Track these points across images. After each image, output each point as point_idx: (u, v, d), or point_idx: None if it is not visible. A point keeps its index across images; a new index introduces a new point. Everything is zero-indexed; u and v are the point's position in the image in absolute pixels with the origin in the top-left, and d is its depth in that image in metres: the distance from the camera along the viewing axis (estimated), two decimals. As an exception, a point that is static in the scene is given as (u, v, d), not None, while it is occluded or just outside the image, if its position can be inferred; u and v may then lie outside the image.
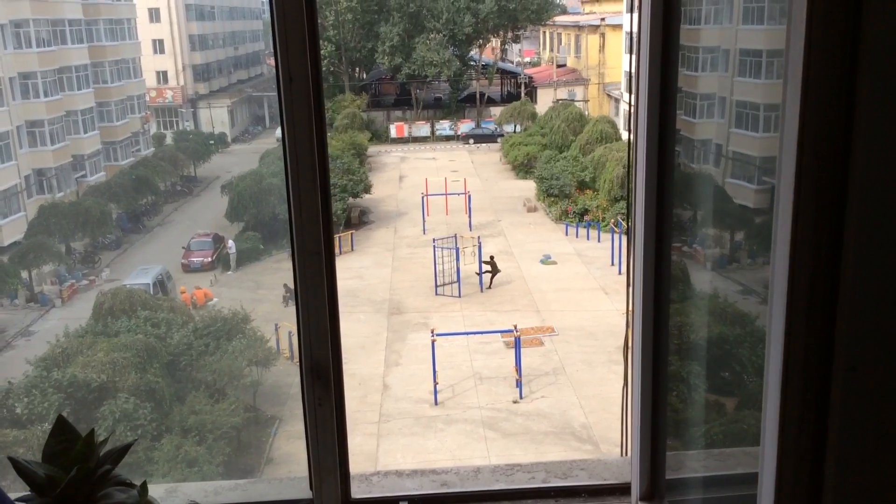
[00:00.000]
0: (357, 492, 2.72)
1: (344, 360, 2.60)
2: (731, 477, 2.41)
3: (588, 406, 20.85)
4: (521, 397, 21.52)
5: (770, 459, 1.59)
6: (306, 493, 2.66)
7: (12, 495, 1.93)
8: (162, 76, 56.61)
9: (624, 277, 30.01)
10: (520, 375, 21.89)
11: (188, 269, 32.08)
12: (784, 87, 1.51)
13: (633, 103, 2.47)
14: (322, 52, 2.94)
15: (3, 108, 35.40)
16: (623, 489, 2.71)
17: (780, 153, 1.53)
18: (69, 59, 40.49)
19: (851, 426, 1.51)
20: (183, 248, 33.42)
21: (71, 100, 40.08)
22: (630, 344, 2.66)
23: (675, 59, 2.32)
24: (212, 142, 51.58)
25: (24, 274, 28.99)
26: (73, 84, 40.67)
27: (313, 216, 2.40)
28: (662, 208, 2.42)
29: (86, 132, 41.04)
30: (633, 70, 2.45)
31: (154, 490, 1.92)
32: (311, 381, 2.52)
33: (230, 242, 33.30)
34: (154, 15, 55.78)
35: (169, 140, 50.28)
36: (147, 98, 51.80)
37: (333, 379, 2.53)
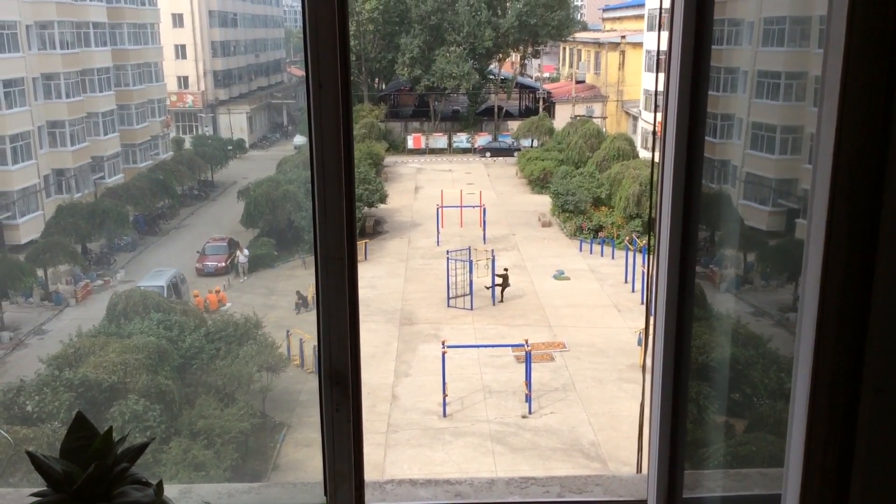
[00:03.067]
0: (371, 499, 2.71)
1: (357, 368, 2.59)
2: (751, 497, 2.38)
3: (597, 423, 20.73)
4: (530, 412, 21.43)
5: (794, 480, 1.58)
6: (320, 497, 2.65)
7: (27, 490, 1.93)
8: (183, 81, 57.04)
9: (637, 295, 29.91)
10: (529, 390, 21.80)
11: (202, 273, 32.24)
12: (819, 111, 1.51)
13: (661, 122, 2.45)
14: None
15: (25, 108, 35.71)
16: (638, 506, 2.68)
17: (813, 174, 1.52)
18: (92, 61, 40.82)
19: (878, 447, 1.50)
20: (198, 252, 33.58)
21: (92, 102, 40.39)
22: (651, 362, 2.64)
23: (706, 80, 2.30)
24: (230, 147, 51.88)
25: (40, 272, 29.16)
26: (94, 86, 41.01)
27: (337, 222, 2.40)
28: (688, 229, 2.40)
29: (106, 134, 41.34)
30: (663, 88, 2.44)
31: (168, 491, 1.93)
32: (330, 386, 2.51)
33: (245, 251, 33.40)
34: (177, 20, 56.30)
35: (188, 144, 50.59)
36: (167, 102, 52.17)
37: (351, 385, 2.52)
